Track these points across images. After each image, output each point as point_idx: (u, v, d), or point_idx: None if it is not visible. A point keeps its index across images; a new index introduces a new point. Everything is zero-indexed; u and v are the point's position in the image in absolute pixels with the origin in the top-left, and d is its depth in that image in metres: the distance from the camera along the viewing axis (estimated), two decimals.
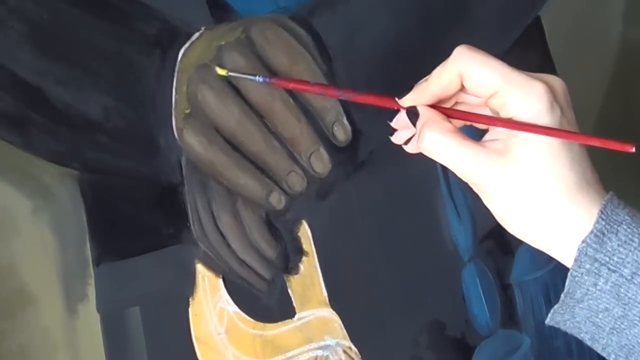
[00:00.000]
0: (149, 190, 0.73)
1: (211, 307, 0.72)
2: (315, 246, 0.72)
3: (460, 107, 0.54)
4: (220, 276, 0.72)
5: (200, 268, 0.72)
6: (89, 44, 0.67)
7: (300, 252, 0.72)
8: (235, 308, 0.72)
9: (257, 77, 0.60)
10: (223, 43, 0.65)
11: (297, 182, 0.66)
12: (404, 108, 0.53)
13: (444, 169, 0.76)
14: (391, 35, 0.68)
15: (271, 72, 0.65)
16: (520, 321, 0.80)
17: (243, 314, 0.72)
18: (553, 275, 0.81)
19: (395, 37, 0.68)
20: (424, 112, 0.52)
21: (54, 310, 0.81)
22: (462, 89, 0.52)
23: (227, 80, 0.64)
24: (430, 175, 0.76)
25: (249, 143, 0.65)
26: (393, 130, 0.55)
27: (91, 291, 0.79)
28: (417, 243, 0.75)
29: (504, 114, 0.50)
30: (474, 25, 0.71)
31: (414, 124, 0.52)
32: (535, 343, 0.81)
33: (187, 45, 0.67)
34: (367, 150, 0.71)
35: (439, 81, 0.51)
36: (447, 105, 0.53)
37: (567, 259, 0.50)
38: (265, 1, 0.70)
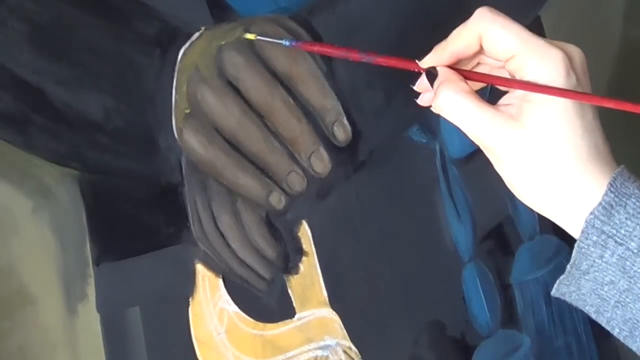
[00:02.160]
0: (149, 190, 0.73)
1: (211, 307, 0.72)
2: (315, 246, 0.72)
3: (480, 69, 0.54)
4: (220, 276, 0.72)
5: (200, 268, 0.72)
6: (88, 44, 0.67)
7: (300, 252, 0.72)
8: (235, 308, 0.72)
9: (284, 41, 0.59)
10: (223, 43, 0.65)
11: (297, 182, 0.66)
12: (423, 70, 0.52)
13: (444, 169, 0.76)
14: (391, 35, 0.68)
15: (271, 72, 0.65)
16: (520, 321, 0.80)
17: (243, 314, 0.72)
18: (553, 275, 0.80)
19: (395, 37, 0.68)
20: (442, 72, 0.52)
21: (54, 310, 0.81)
22: (481, 50, 0.52)
23: (227, 80, 0.64)
24: (430, 175, 0.76)
25: (249, 143, 0.65)
26: (417, 94, 0.54)
27: (91, 291, 0.79)
28: (417, 243, 0.75)
29: (519, 78, 0.50)
30: None
31: (432, 85, 0.52)
32: (535, 343, 0.81)
33: (187, 45, 0.67)
34: (367, 150, 0.71)
35: (458, 41, 0.51)
36: (468, 67, 0.53)
37: (574, 229, 0.50)
38: (265, 1, 0.70)
